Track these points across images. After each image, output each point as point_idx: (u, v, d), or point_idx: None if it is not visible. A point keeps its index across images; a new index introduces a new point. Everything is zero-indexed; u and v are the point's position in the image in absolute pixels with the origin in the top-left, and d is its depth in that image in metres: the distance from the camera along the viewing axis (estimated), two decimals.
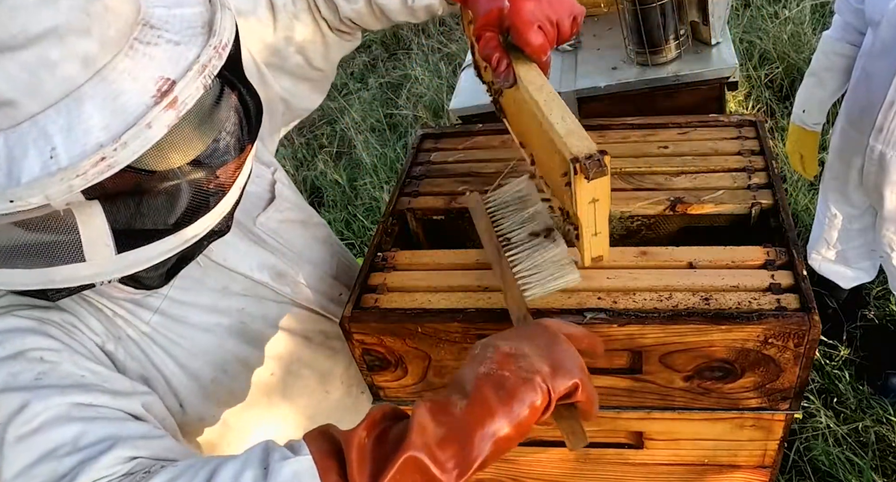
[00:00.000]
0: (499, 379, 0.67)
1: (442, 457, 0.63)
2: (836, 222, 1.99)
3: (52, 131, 0.60)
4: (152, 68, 0.64)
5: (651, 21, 1.78)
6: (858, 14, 1.69)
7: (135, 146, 0.61)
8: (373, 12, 1.05)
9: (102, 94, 0.62)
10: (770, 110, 3.22)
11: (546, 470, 1.16)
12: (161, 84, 0.63)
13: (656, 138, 1.19)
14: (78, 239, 0.66)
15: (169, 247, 0.72)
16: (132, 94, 0.62)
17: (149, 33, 0.67)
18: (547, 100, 0.86)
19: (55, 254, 0.67)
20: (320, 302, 1.08)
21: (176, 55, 0.66)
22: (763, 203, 1.03)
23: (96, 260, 0.68)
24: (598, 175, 0.77)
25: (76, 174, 0.59)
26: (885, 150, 1.64)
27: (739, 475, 1.08)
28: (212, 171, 0.72)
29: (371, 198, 3.28)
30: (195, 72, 0.65)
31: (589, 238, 0.85)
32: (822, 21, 3.51)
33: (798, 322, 0.84)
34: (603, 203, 0.82)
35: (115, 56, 0.63)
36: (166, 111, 0.62)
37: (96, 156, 0.59)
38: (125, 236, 0.68)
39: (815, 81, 1.88)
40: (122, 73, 0.63)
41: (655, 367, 0.92)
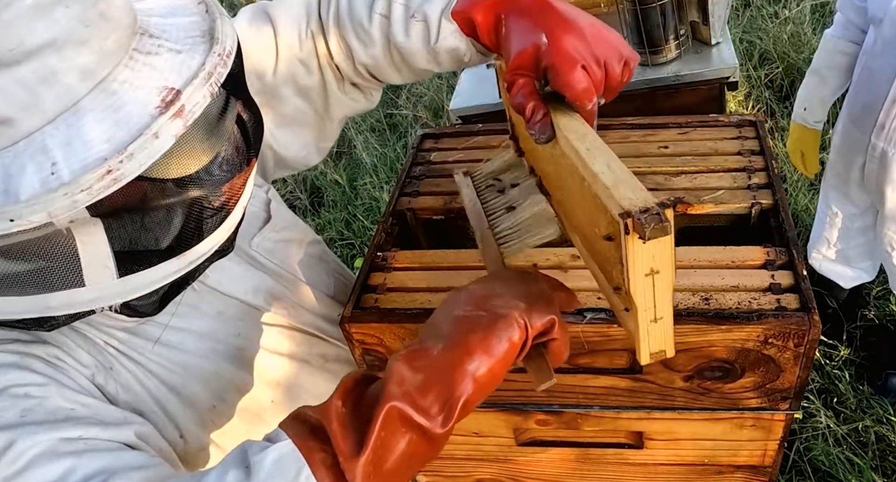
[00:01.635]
0: (475, 318, 0.65)
1: (424, 404, 0.61)
2: (836, 221, 1.99)
3: (51, 146, 0.58)
4: (154, 78, 0.62)
5: (651, 21, 1.78)
6: (860, 12, 1.69)
7: (141, 157, 0.58)
8: (392, 59, 0.92)
9: (103, 106, 0.60)
10: (770, 110, 3.22)
11: (546, 470, 1.16)
12: (165, 94, 0.61)
13: (656, 138, 1.19)
14: (77, 262, 0.63)
15: (174, 270, 0.69)
16: (135, 105, 0.60)
17: (148, 42, 0.64)
18: (591, 148, 0.69)
19: (52, 279, 0.63)
20: (318, 324, 1.05)
21: (178, 63, 0.64)
22: (763, 203, 1.03)
23: (96, 284, 0.65)
24: (657, 234, 0.58)
25: (80, 189, 0.57)
26: (886, 148, 1.64)
27: (739, 475, 1.08)
28: (218, 185, 0.69)
29: (371, 198, 3.28)
30: (201, 79, 0.63)
31: (646, 325, 0.66)
32: (822, 21, 3.51)
33: (798, 322, 0.84)
34: (664, 276, 0.62)
35: (115, 67, 0.61)
36: (173, 120, 0.60)
37: (101, 169, 0.57)
38: (127, 258, 0.65)
39: (816, 79, 1.88)
40: (122, 84, 0.61)
41: (655, 367, 0.92)
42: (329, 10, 0.94)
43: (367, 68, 0.95)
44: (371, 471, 0.59)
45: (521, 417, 1.06)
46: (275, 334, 0.98)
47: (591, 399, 0.99)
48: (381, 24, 0.90)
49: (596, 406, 1.01)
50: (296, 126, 1.02)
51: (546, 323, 0.67)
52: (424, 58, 0.90)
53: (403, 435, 0.61)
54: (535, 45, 0.76)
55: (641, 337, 0.67)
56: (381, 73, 0.96)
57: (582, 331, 0.89)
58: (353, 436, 0.60)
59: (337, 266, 1.19)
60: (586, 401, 1.00)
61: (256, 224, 1.01)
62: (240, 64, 0.70)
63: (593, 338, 0.90)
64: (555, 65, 0.74)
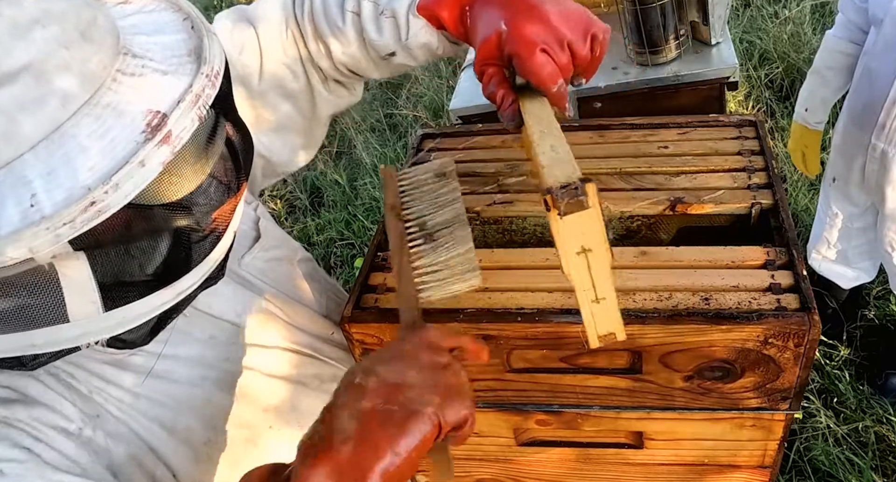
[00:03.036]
0: (385, 413, 0.61)
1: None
2: (837, 221, 1.99)
3: (31, 176, 0.54)
4: (139, 101, 0.59)
5: (651, 21, 1.78)
6: (861, 12, 1.69)
7: (127, 187, 0.55)
8: (369, 55, 0.95)
9: (86, 132, 0.56)
10: (770, 110, 3.22)
11: (546, 470, 1.16)
12: (151, 118, 0.58)
13: (656, 138, 1.19)
14: (60, 297, 0.59)
15: (162, 301, 0.65)
16: (120, 130, 0.57)
17: (132, 63, 0.61)
18: (544, 131, 0.70)
19: (34, 316, 0.59)
20: (313, 344, 1.02)
21: (164, 85, 0.60)
22: (763, 203, 1.03)
23: (81, 320, 0.61)
24: (572, 208, 0.58)
25: (63, 222, 0.53)
26: (887, 149, 1.65)
27: (739, 475, 1.08)
28: (208, 211, 0.66)
29: (371, 198, 3.28)
30: (189, 102, 0.59)
31: (588, 306, 0.66)
32: (822, 21, 3.51)
33: (798, 322, 0.84)
34: (598, 255, 0.62)
35: (98, 90, 0.58)
36: (160, 147, 0.56)
37: (85, 200, 0.53)
38: (113, 291, 0.62)
39: (817, 80, 1.89)
40: (106, 108, 0.57)
41: (655, 367, 0.92)
42: (304, 12, 0.94)
43: (347, 66, 0.96)
44: None
45: (521, 417, 1.06)
46: (269, 357, 0.95)
47: (591, 399, 0.99)
48: (353, 23, 0.91)
49: (596, 406, 1.01)
50: (283, 131, 1.01)
51: (460, 419, 0.63)
52: (399, 54, 0.92)
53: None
54: (497, 33, 0.76)
55: (586, 318, 0.66)
56: (361, 69, 0.97)
57: (582, 332, 0.89)
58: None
59: (328, 283, 1.17)
60: (586, 401, 1.00)
61: (246, 243, 0.98)
62: (228, 83, 0.67)
63: None
64: (516, 52, 0.74)
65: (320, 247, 3.16)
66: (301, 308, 1.03)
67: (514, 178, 1.14)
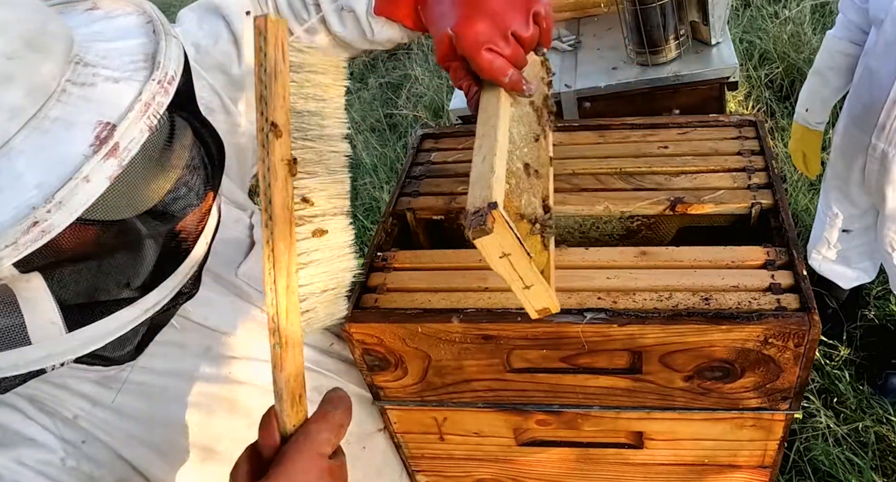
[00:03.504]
0: None
1: None
2: (837, 222, 1.99)
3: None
4: (89, 112, 0.55)
5: (651, 21, 1.78)
6: (862, 13, 1.69)
7: (72, 205, 0.51)
8: (336, 43, 0.96)
9: (34, 146, 0.52)
10: (770, 110, 3.22)
11: (546, 470, 1.16)
12: (100, 130, 0.54)
13: (656, 138, 1.19)
14: (20, 319, 0.56)
15: (129, 319, 0.62)
16: (68, 144, 0.53)
17: (83, 72, 0.57)
18: (484, 135, 0.75)
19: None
20: (312, 356, 1.00)
21: (116, 94, 0.57)
22: (763, 203, 1.03)
23: (43, 341, 0.58)
24: (477, 234, 0.64)
25: (4, 244, 0.50)
26: (887, 149, 1.65)
27: (739, 475, 1.08)
28: (171, 224, 0.62)
29: (371, 198, 3.28)
30: (137, 112, 0.56)
31: (521, 293, 0.73)
32: (822, 21, 3.51)
33: (798, 322, 0.84)
34: (517, 256, 0.68)
35: (47, 102, 0.54)
36: (106, 160, 0.53)
37: (27, 221, 0.50)
38: (76, 311, 0.59)
39: (818, 80, 1.89)
40: (54, 122, 0.54)
41: (655, 367, 0.92)
42: (268, 3, 0.95)
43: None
44: None
45: (521, 417, 1.06)
46: (266, 370, 0.92)
47: (591, 399, 0.99)
48: (317, 14, 0.93)
49: (596, 406, 1.01)
50: None
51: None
52: (365, 44, 0.95)
53: None
54: (447, 36, 0.79)
55: (521, 301, 0.74)
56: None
57: (582, 331, 0.89)
58: None
59: None
60: (586, 401, 1.00)
61: (241, 251, 0.94)
62: (188, 86, 0.64)
63: (593, 338, 0.90)
64: (464, 54, 0.78)
65: None
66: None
67: None
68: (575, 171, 1.14)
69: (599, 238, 1.13)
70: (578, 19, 2.16)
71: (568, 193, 1.10)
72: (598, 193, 1.09)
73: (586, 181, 1.12)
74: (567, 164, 1.15)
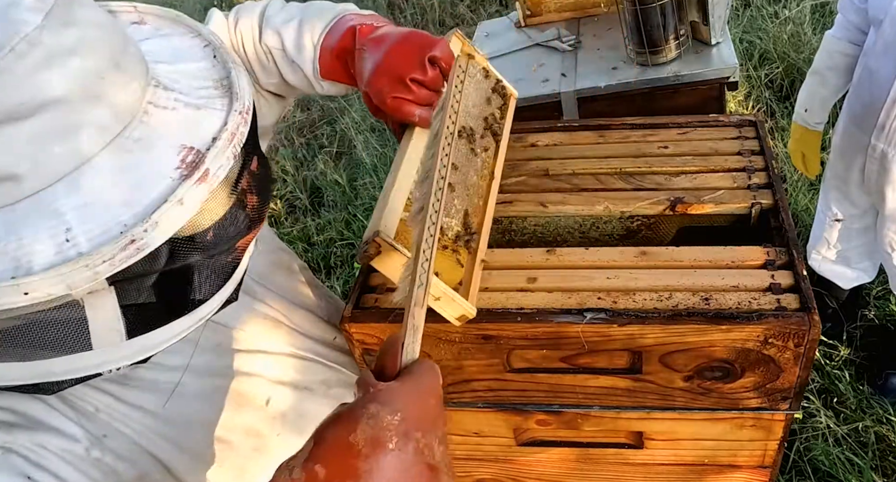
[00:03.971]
0: None
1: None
2: (836, 222, 1.99)
3: (63, 209, 0.53)
4: (171, 136, 0.58)
5: (651, 21, 1.78)
6: (861, 13, 1.69)
7: (166, 226, 0.55)
8: (287, 87, 1.05)
9: (118, 165, 0.55)
10: (770, 110, 3.22)
11: (546, 470, 1.16)
12: (185, 154, 0.57)
13: (656, 138, 1.19)
14: (85, 327, 0.58)
15: (183, 328, 0.65)
16: (152, 166, 0.56)
17: (163, 96, 0.61)
18: (393, 173, 0.87)
19: (57, 345, 0.58)
20: (317, 349, 1.02)
21: (197, 121, 0.60)
22: (763, 203, 1.03)
23: (103, 347, 0.60)
24: (361, 260, 0.79)
25: (102, 259, 0.53)
26: (886, 150, 1.64)
27: (739, 475, 1.08)
28: (233, 243, 0.65)
29: (371, 198, 3.28)
30: (225, 140, 0.59)
31: (433, 303, 0.81)
32: (822, 21, 3.51)
33: (798, 322, 0.84)
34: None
35: (130, 123, 0.57)
36: (198, 185, 0.56)
37: (124, 238, 0.53)
38: (136, 320, 0.61)
39: (817, 80, 1.88)
40: (137, 142, 0.57)
41: (655, 367, 0.92)
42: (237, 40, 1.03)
43: (271, 90, 1.06)
44: None
45: (522, 417, 1.06)
46: (275, 363, 0.95)
47: (591, 399, 0.99)
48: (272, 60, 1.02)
49: (596, 406, 1.01)
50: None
51: None
52: (314, 93, 1.05)
53: None
54: (365, 92, 0.93)
55: (438, 310, 0.83)
56: (286, 93, 1.08)
57: (582, 331, 0.89)
58: None
59: (325, 289, 1.17)
60: (586, 401, 1.00)
61: None
62: (255, 118, 0.67)
63: (593, 338, 0.90)
64: (378, 105, 0.92)
65: (320, 247, 3.16)
66: (304, 313, 1.03)
67: (513, 178, 1.14)
68: (575, 171, 1.14)
69: (599, 238, 1.13)
70: (578, 19, 2.16)
71: (568, 193, 1.10)
72: (598, 193, 1.09)
73: (586, 181, 1.12)
74: (567, 164, 1.15)
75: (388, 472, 0.51)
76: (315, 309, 1.07)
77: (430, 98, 0.91)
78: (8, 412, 0.68)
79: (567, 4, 2.15)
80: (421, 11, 4.70)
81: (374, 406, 0.53)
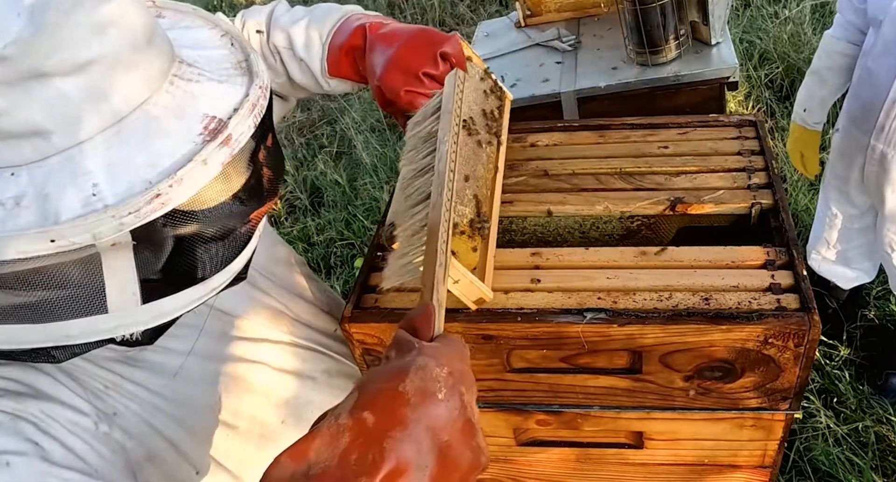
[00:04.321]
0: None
1: None
2: (836, 222, 1.99)
3: (90, 167, 0.57)
4: (195, 105, 0.63)
5: (651, 21, 1.78)
6: (860, 13, 1.69)
7: (190, 184, 0.58)
8: (294, 87, 1.08)
9: (144, 130, 0.59)
10: (770, 110, 3.22)
11: (546, 470, 1.16)
12: (207, 122, 0.62)
13: (656, 138, 1.19)
14: (102, 288, 0.60)
15: (197, 297, 0.67)
16: (177, 131, 0.60)
17: (187, 70, 0.65)
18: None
19: (74, 306, 0.60)
20: (319, 339, 1.04)
21: (221, 93, 0.65)
22: (763, 203, 1.03)
23: (119, 311, 0.62)
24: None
25: (128, 211, 0.56)
26: (886, 150, 1.64)
27: (739, 475, 1.08)
28: (247, 213, 0.69)
29: (371, 198, 3.28)
30: (247, 110, 0.64)
31: (452, 287, 0.82)
32: (822, 21, 3.51)
33: (798, 322, 0.84)
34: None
35: (156, 92, 0.61)
36: (221, 148, 0.60)
37: (150, 192, 0.56)
38: (151, 285, 0.63)
39: (816, 80, 1.88)
40: (163, 110, 0.61)
41: (655, 367, 0.92)
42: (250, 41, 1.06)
43: (275, 90, 1.08)
44: None
45: (521, 417, 1.06)
46: (278, 351, 0.97)
47: (591, 399, 0.99)
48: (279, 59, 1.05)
49: (596, 406, 1.01)
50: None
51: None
52: (320, 92, 1.08)
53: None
54: (376, 86, 0.96)
55: (458, 293, 0.84)
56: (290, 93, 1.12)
57: (582, 331, 0.89)
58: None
59: (322, 284, 1.19)
60: (586, 401, 1.00)
61: None
62: (271, 97, 0.72)
63: (593, 338, 0.90)
64: (391, 99, 0.96)
65: (320, 247, 3.16)
66: (304, 304, 1.05)
67: (514, 178, 1.14)
68: (575, 171, 1.14)
69: (599, 238, 1.13)
70: (578, 19, 2.16)
71: (568, 193, 1.10)
72: (598, 193, 1.09)
73: (586, 181, 1.12)
74: (567, 164, 1.15)
75: (435, 422, 0.52)
76: (315, 301, 1.09)
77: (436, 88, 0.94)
78: (15, 383, 0.69)
79: (567, 4, 2.15)
80: (421, 11, 4.70)
81: (422, 358, 0.54)
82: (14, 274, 0.57)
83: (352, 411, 0.51)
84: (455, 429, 0.53)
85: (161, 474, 0.79)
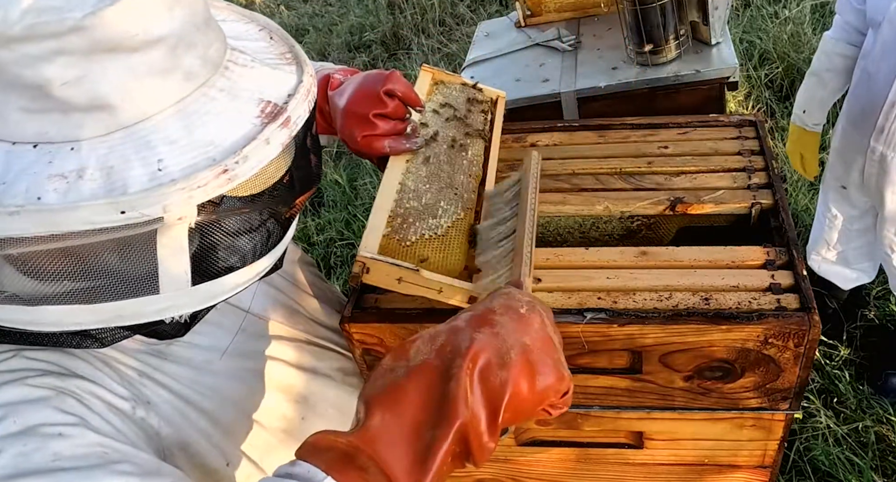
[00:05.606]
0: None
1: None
2: (836, 223, 1.99)
3: (155, 142, 0.58)
4: (250, 89, 0.65)
5: (651, 21, 1.78)
6: (859, 15, 1.69)
7: (254, 161, 0.60)
8: None
9: (204, 109, 0.61)
10: (770, 110, 3.22)
11: (546, 470, 1.16)
12: (263, 106, 0.64)
13: (656, 138, 1.19)
14: (155, 267, 0.61)
15: (242, 280, 0.68)
16: (235, 113, 0.62)
17: (241, 57, 0.67)
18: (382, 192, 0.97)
19: (127, 286, 0.61)
20: (332, 338, 1.05)
21: (274, 79, 0.67)
22: (763, 203, 1.03)
23: (170, 292, 0.63)
24: (352, 280, 0.86)
25: (197, 185, 0.57)
26: (885, 152, 1.64)
27: (739, 475, 1.08)
28: (294, 198, 0.70)
29: (371, 198, 3.28)
30: (302, 95, 0.66)
31: (438, 297, 0.88)
32: (822, 21, 3.51)
33: (798, 322, 0.84)
34: (409, 276, 0.86)
35: (213, 74, 0.63)
36: (281, 129, 0.62)
37: (217, 167, 0.57)
38: (201, 267, 0.64)
39: (815, 81, 1.88)
40: (220, 91, 0.63)
41: (655, 367, 0.92)
42: None
43: None
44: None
45: None
46: (295, 349, 0.98)
47: (591, 399, 0.99)
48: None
49: (596, 406, 1.01)
50: None
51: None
52: None
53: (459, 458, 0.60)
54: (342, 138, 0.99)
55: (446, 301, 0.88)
56: None
57: (582, 331, 0.89)
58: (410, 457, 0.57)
59: (328, 283, 1.20)
60: (586, 401, 1.00)
61: None
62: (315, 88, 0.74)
63: (593, 338, 0.90)
64: (353, 149, 0.99)
65: (320, 247, 3.16)
66: (317, 303, 1.06)
67: None
68: (575, 171, 1.14)
69: (599, 238, 1.13)
70: (578, 19, 2.16)
71: (568, 193, 1.10)
72: (598, 193, 1.09)
73: (586, 181, 1.12)
74: (567, 164, 1.15)
75: (518, 326, 0.64)
76: (328, 301, 1.10)
77: (396, 127, 0.98)
78: (56, 365, 0.70)
79: (567, 4, 2.15)
80: (421, 11, 4.70)
81: (508, 288, 0.70)
82: (72, 250, 0.58)
83: (448, 323, 0.65)
84: (537, 338, 0.65)
85: (192, 464, 0.79)
